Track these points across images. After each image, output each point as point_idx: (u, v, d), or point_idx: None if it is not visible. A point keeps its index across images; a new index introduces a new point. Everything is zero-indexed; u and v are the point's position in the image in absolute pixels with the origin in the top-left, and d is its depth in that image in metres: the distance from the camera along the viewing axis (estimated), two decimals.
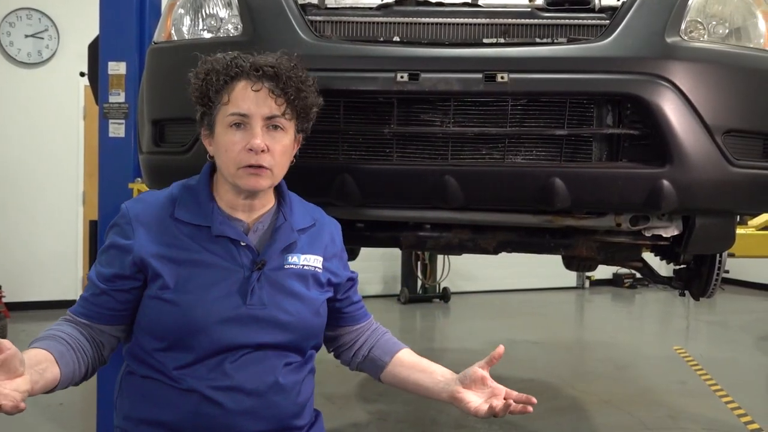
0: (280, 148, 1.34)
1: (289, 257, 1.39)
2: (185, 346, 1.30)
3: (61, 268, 6.72)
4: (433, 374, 1.46)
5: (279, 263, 1.37)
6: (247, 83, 1.32)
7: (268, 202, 1.42)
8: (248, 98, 1.31)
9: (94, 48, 3.37)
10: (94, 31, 3.31)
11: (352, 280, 1.54)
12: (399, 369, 1.51)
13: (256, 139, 1.30)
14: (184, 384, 1.29)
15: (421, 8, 1.90)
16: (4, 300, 5.70)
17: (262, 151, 1.30)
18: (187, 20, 2.00)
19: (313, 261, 1.42)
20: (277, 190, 1.45)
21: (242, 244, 1.34)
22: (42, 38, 6.65)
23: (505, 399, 1.34)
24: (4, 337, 5.32)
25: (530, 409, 1.31)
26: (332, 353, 1.61)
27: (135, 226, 1.33)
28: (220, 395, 1.29)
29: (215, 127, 1.35)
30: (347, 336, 1.56)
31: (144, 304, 1.34)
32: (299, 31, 1.82)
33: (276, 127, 1.33)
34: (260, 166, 1.31)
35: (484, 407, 1.33)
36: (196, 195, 1.38)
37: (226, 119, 1.32)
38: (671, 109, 1.73)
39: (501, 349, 1.40)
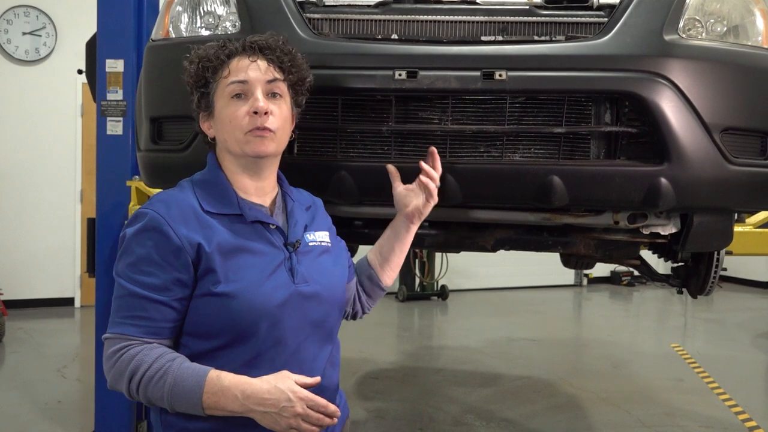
0: (282, 113, 1.39)
1: (308, 235, 1.44)
2: (248, 336, 1.28)
3: (59, 266, 6.72)
4: (391, 231, 1.64)
5: (303, 242, 1.42)
6: (243, 56, 1.38)
7: (275, 185, 1.46)
8: (247, 67, 1.36)
9: (91, 45, 3.37)
10: (91, 28, 3.31)
11: (345, 246, 1.61)
12: (381, 261, 1.63)
13: (259, 102, 1.34)
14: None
15: (419, 6, 1.90)
16: (2, 298, 5.70)
17: (266, 113, 1.34)
18: (185, 18, 2.00)
19: (325, 237, 1.49)
20: (278, 178, 1.49)
21: (272, 226, 1.38)
22: (40, 36, 6.64)
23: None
24: (2, 334, 5.33)
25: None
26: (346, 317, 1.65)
27: (173, 225, 1.28)
28: None
29: (215, 104, 1.38)
30: (350, 291, 1.60)
31: (193, 306, 1.29)
32: (297, 29, 1.81)
33: (275, 94, 1.38)
34: (265, 128, 1.34)
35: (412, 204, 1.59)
36: (214, 187, 1.38)
37: (227, 90, 1.36)
38: (669, 107, 1.73)
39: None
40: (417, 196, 1.58)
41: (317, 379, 1.28)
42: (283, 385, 1.22)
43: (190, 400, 1.22)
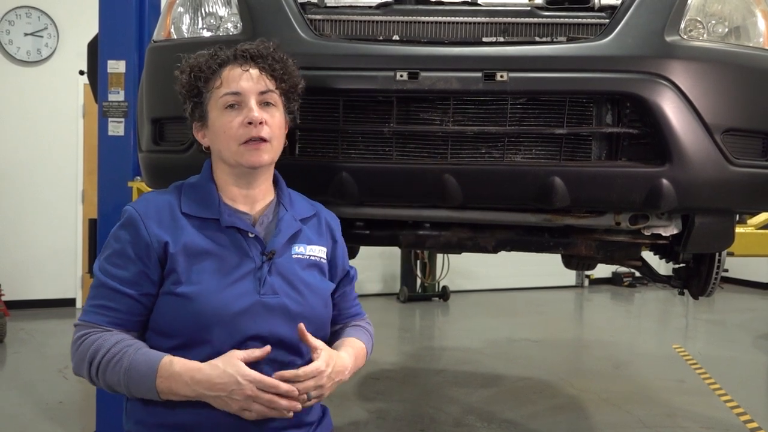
0: (276, 122, 1.39)
1: (296, 247, 1.41)
2: (202, 341, 1.29)
3: (60, 267, 6.72)
4: None
5: (286, 253, 1.39)
6: (234, 66, 1.37)
7: (268, 194, 1.44)
8: (239, 77, 1.36)
9: (93, 46, 3.37)
10: (93, 29, 3.32)
11: (350, 276, 1.55)
12: None
13: (253, 112, 1.34)
14: None
15: (420, 7, 1.90)
16: (3, 298, 5.69)
17: (261, 123, 1.34)
18: (186, 19, 2.00)
19: (318, 252, 1.45)
20: (276, 184, 1.47)
21: (250, 235, 1.36)
22: (41, 36, 6.64)
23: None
24: (3, 335, 5.33)
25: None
26: None
27: (147, 222, 1.32)
28: None
29: (208, 114, 1.38)
30: (336, 333, 1.53)
31: (157, 303, 1.33)
32: (299, 30, 1.82)
33: (268, 103, 1.38)
34: (261, 139, 1.34)
35: None
36: (200, 190, 1.39)
37: (221, 101, 1.36)
38: (670, 108, 1.73)
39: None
40: None
41: (267, 349, 1.27)
42: (232, 369, 1.23)
43: (144, 385, 1.25)
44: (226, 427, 1.29)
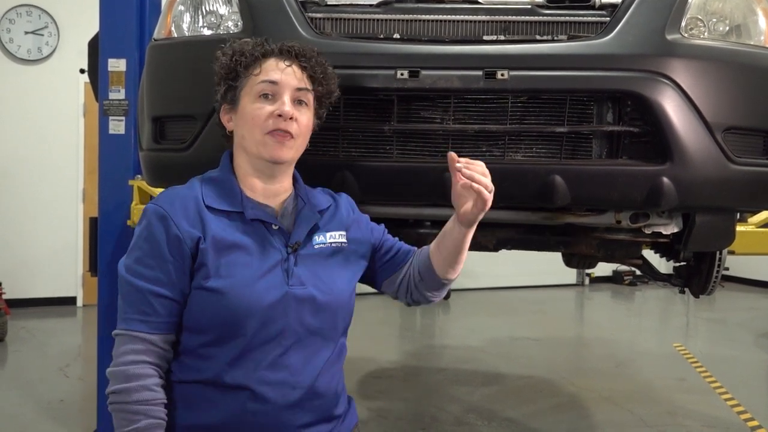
0: (305, 121, 1.39)
1: (316, 237, 1.42)
2: (236, 334, 1.28)
3: (61, 265, 6.73)
4: (446, 232, 1.49)
5: (308, 244, 1.40)
6: (277, 59, 1.39)
7: (288, 188, 1.45)
8: (279, 70, 1.37)
9: (94, 45, 3.37)
10: (94, 27, 3.32)
11: (381, 232, 1.57)
12: (437, 256, 1.52)
13: (285, 106, 1.35)
14: (232, 381, 1.28)
15: (421, 5, 1.90)
16: (4, 297, 5.70)
17: (290, 118, 1.35)
18: (187, 17, 2.00)
19: (338, 237, 1.45)
20: (294, 181, 1.48)
21: (274, 227, 1.36)
22: (42, 35, 6.65)
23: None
24: (4, 333, 5.34)
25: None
26: (398, 299, 1.63)
27: (176, 219, 1.30)
28: (269, 390, 1.29)
29: (240, 99, 1.39)
30: (403, 277, 1.57)
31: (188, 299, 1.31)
32: (299, 28, 1.81)
33: (301, 102, 1.39)
34: (286, 132, 1.35)
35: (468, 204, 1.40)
36: (221, 184, 1.39)
37: (256, 88, 1.36)
38: (671, 107, 1.73)
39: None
40: (469, 199, 1.40)
41: None
42: None
43: None
44: (254, 424, 1.29)
